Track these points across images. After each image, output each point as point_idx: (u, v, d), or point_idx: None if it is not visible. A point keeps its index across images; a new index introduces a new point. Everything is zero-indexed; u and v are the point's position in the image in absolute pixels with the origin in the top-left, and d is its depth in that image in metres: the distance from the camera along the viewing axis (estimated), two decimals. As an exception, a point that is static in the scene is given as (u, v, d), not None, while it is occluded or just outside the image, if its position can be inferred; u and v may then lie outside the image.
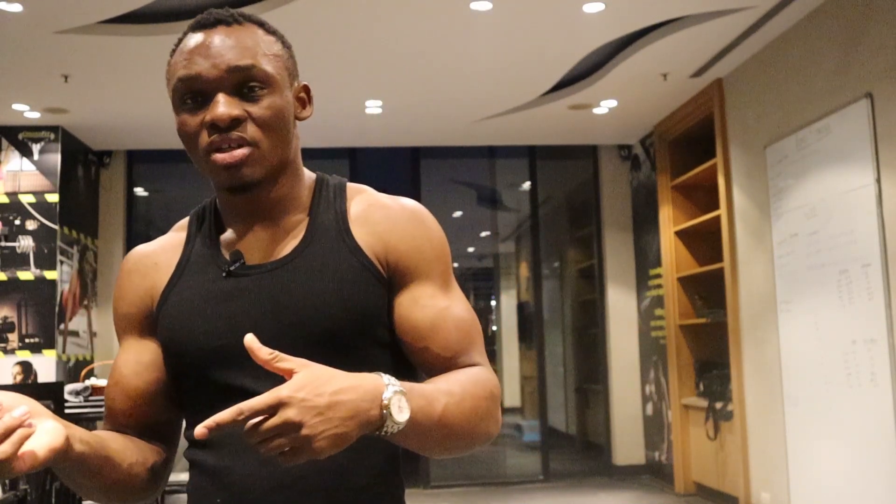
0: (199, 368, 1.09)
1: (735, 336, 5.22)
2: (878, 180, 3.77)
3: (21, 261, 5.83)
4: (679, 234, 6.09)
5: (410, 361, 1.14)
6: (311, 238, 1.12)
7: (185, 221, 1.22)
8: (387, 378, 0.94)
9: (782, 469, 4.62)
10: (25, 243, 5.84)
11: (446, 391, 1.01)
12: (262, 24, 1.14)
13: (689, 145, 6.08)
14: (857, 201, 3.91)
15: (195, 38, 1.10)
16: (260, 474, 1.05)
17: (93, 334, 6.51)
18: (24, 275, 5.82)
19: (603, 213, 7.12)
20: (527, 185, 7.23)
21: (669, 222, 6.16)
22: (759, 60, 4.89)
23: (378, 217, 1.14)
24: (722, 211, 5.34)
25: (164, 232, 1.25)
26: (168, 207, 7.64)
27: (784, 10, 4.30)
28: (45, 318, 5.81)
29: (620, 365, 6.94)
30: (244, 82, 1.07)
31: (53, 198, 5.88)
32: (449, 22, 4.33)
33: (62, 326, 5.91)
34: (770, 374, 4.77)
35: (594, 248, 7.24)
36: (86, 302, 6.38)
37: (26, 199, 5.88)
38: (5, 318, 5.80)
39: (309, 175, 1.19)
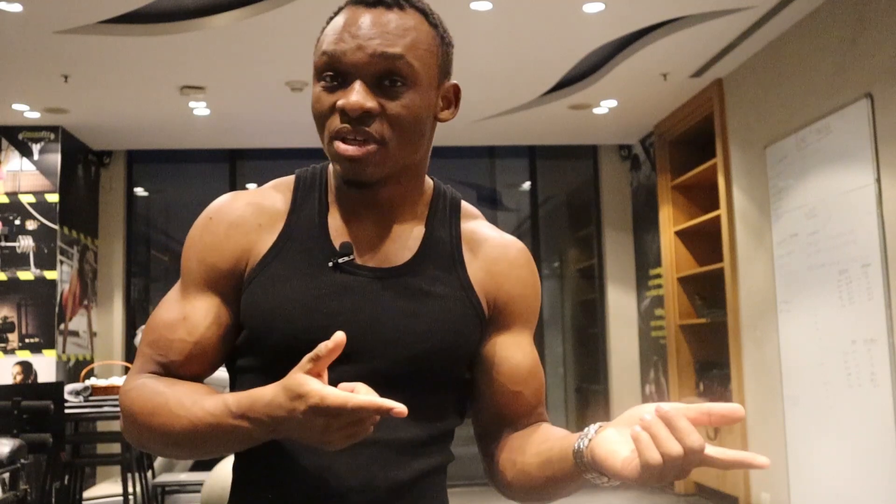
0: (282, 356, 0.99)
1: (735, 336, 5.22)
2: (878, 180, 3.77)
3: (21, 261, 5.83)
4: (679, 234, 6.09)
5: (482, 398, 1.13)
6: (425, 255, 1.08)
7: (288, 181, 1.13)
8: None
9: (782, 469, 4.62)
10: (25, 243, 5.85)
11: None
12: (426, 14, 1.08)
13: (689, 145, 6.09)
14: (857, 201, 3.91)
15: (351, 14, 1.04)
16: (314, 478, 1.02)
17: (93, 334, 6.51)
18: (24, 275, 5.82)
19: (603, 213, 7.12)
20: (527, 185, 7.23)
21: (669, 222, 6.16)
22: (759, 60, 4.89)
23: (495, 255, 1.12)
24: (722, 211, 5.34)
25: (164, 232, 1.20)
26: (168, 207, 7.64)
27: (784, 10, 4.30)
28: (45, 318, 5.81)
29: (620, 365, 6.94)
30: (387, 74, 1.01)
31: (53, 198, 5.88)
32: (449, 22, 4.30)
33: (62, 326, 5.91)
34: (770, 374, 4.77)
35: (594, 248, 7.24)
36: (86, 302, 6.38)
37: (26, 199, 5.88)
38: (5, 318, 5.80)
39: (427, 181, 1.14)
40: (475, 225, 1.15)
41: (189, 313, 1.06)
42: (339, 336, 0.89)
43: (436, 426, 1.08)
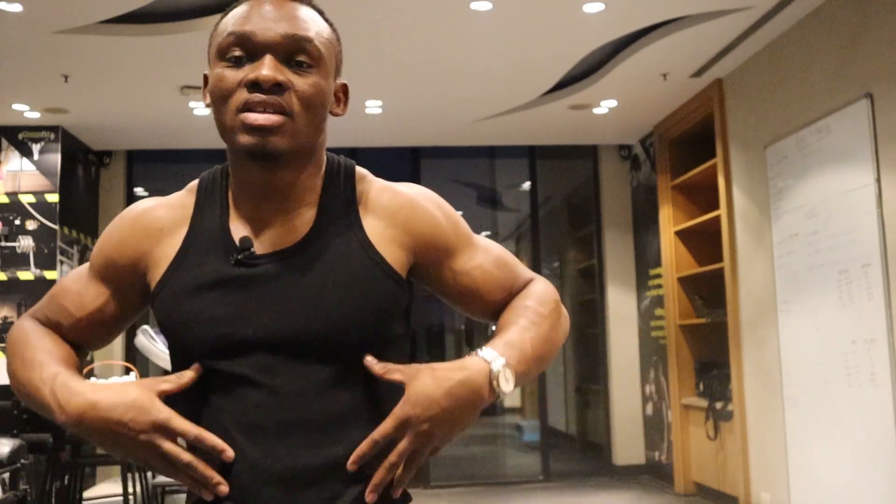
0: (201, 356, 1.07)
1: (735, 336, 5.22)
2: (878, 180, 3.77)
3: (21, 261, 5.83)
4: (679, 234, 6.09)
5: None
6: (320, 228, 1.10)
7: (194, 185, 1.18)
8: (488, 353, 1.05)
9: (782, 469, 4.62)
10: (25, 243, 5.85)
11: (525, 327, 1.12)
12: (321, 13, 1.14)
13: (689, 145, 6.08)
14: (857, 201, 3.91)
15: (255, 2, 1.08)
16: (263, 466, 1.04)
17: (93, 334, 6.50)
18: (24, 275, 5.82)
19: (603, 213, 7.12)
20: (527, 185, 7.23)
21: (669, 222, 6.16)
22: (759, 60, 4.89)
23: (394, 206, 1.14)
24: (722, 211, 5.34)
25: None
26: (168, 207, 7.62)
27: (784, 10, 4.30)
28: (45, 318, 5.81)
29: (620, 365, 6.94)
30: (296, 53, 1.05)
31: (53, 198, 5.88)
32: (449, 22, 4.33)
33: (62, 326, 5.91)
34: (770, 374, 4.77)
35: (594, 248, 7.24)
36: (86, 302, 6.38)
37: (26, 199, 5.88)
38: (5, 318, 5.80)
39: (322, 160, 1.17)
40: (368, 185, 1.16)
41: (82, 291, 1.17)
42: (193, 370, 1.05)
43: (378, 390, 1.07)
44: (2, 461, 3.48)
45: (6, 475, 3.64)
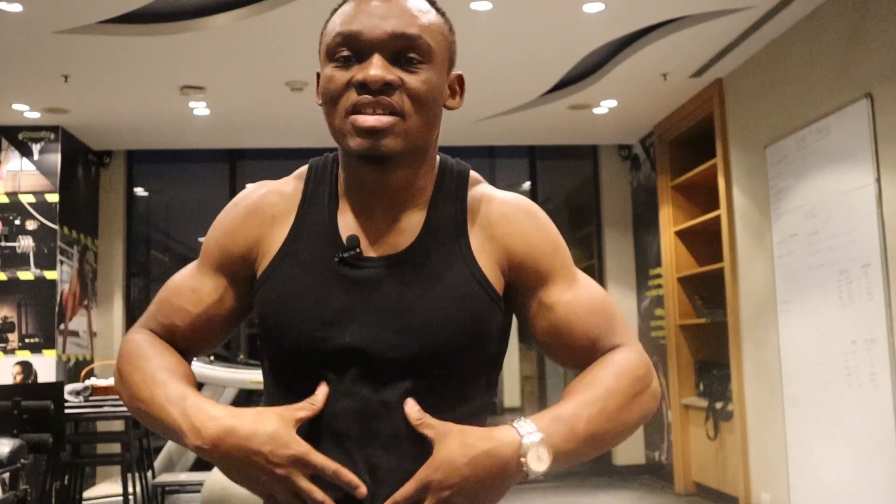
0: (297, 351, 1.04)
1: (735, 336, 5.22)
2: (878, 180, 3.77)
3: (21, 261, 5.83)
4: (679, 234, 6.09)
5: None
6: (427, 236, 1.07)
7: (303, 171, 1.15)
8: (524, 426, 0.97)
9: (782, 469, 4.62)
10: (25, 243, 5.84)
11: (588, 401, 1.02)
12: (432, 2, 1.09)
13: (689, 145, 6.08)
14: (857, 201, 3.91)
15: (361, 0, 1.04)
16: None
17: (93, 334, 6.51)
18: (24, 275, 5.82)
19: (603, 213, 7.12)
20: (527, 185, 7.23)
21: (669, 222, 6.16)
22: (759, 60, 4.89)
23: (494, 218, 1.09)
24: (722, 211, 5.34)
25: (164, 232, 1.22)
26: (168, 207, 7.63)
27: (784, 10, 4.30)
28: (45, 318, 5.81)
29: (620, 365, 6.93)
30: (405, 50, 1.01)
31: (53, 198, 5.88)
32: (449, 22, 4.33)
33: (62, 326, 5.91)
34: (770, 374, 4.77)
35: (594, 248, 7.24)
36: (86, 302, 6.38)
37: (26, 199, 5.88)
38: (5, 318, 5.80)
39: (435, 160, 1.14)
40: (479, 190, 1.13)
41: (198, 287, 1.12)
42: (324, 389, 1.01)
43: (461, 409, 1.05)
44: (2, 461, 3.48)
45: (6, 475, 3.63)
